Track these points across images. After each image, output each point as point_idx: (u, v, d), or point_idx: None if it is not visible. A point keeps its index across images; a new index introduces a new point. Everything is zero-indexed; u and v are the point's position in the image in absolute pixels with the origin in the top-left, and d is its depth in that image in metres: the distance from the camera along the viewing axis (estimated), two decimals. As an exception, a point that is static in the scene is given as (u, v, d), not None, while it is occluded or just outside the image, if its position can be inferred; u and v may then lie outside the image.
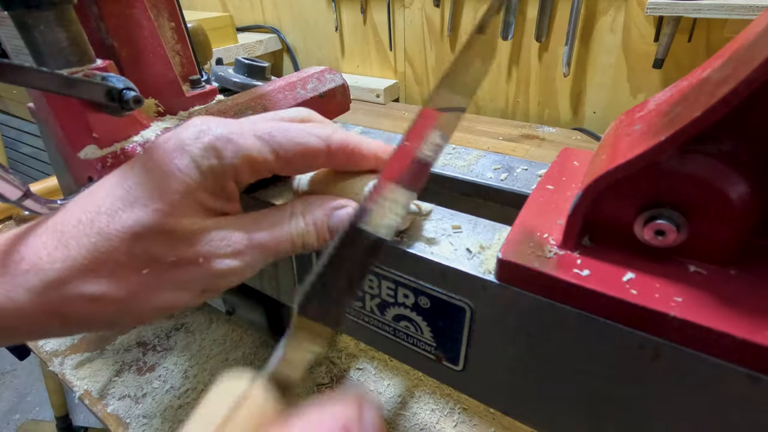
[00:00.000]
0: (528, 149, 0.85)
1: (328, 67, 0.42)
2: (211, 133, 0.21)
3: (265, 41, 1.32)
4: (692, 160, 0.16)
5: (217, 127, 0.21)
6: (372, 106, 1.14)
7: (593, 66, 0.91)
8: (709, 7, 0.68)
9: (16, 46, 0.30)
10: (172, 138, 0.21)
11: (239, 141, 0.21)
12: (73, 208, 0.21)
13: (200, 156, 0.21)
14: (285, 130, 0.22)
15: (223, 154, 0.21)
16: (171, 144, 0.21)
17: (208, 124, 0.21)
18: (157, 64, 0.35)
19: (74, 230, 0.20)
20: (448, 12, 1.01)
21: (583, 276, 0.18)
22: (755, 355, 0.15)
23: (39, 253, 0.20)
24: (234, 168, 0.21)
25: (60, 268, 0.20)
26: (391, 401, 0.39)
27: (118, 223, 0.20)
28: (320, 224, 0.22)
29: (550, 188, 0.25)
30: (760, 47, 0.14)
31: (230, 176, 0.21)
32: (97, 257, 0.20)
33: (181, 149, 0.21)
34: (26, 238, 0.21)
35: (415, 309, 0.25)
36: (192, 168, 0.20)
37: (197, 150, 0.21)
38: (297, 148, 0.22)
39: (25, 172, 1.76)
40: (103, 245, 0.20)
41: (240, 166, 0.21)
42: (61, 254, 0.20)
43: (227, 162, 0.21)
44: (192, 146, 0.21)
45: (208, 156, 0.21)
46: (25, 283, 0.20)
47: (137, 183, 0.21)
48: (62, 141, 0.32)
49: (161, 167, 0.20)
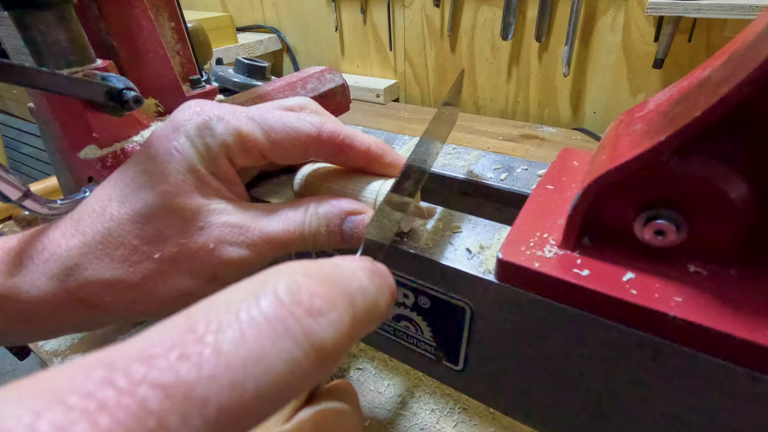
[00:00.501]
0: (528, 149, 0.85)
1: (328, 67, 0.42)
2: (205, 113, 0.22)
3: (265, 41, 1.32)
4: (692, 160, 0.16)
5: (211, 108, 0.22)
6: (372, 106, 1.14)
7: (593, 66, 0.91)
8: (709, 7, 0.68)
9: (16, 46, 0.30)
10: (168, 122, 0.22)
11: (230, 119, 0.22)
12: (88, 200, 0.22)
13: (195, 135, 0.21)
14: (277, 114, 0.22)
15: (216, 131, 0.21)
16: (167, 128, 0.22)
17: (201, 106, 0.22)
18: (157, 64, 0.35)
19: (88, 218, 0.22)
20: (448, 12, 1.01)
21: (583, 276, 0.18)
22: (755, 355, 0.15)
23: (58, 242, 0.21)
24: (226, 145, 0.21)
25: (76, 254, 0.21)
26: (391, 401, 0.39)
27: (128, 207, 0.21)
28: (333, 226, 0.22)
29: (550, 188, 0.25)
30: (760, 47, 0.14)
31: (223, 153, 0.22)
32: (110, 242, 0.21)
33: (177, 130, 0.22)
34: (48, 231, 0.22)
35: (415, 309, 0.25)
36: (188, 146, 0.21)
37: (191, 129, 0.21)
38: (287, 131, 0.22)
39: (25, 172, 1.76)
40: (116, 230, 0.21)
41: (232, 144, 0.22)
42: (78, 241, 0.21)
43: (219, 138, 0.21)
44: (186, 125, 0.21)
45: (202, 134, 0.21)
46: (46, 271, 0.21)
47: (142, 170, 0.22)
48: (62, 141, 0.32)
49: (161, 151, 0.21)
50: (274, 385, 0.09)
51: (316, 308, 0.10)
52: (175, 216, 0.21)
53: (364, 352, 0.44)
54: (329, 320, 0.10)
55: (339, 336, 0.10)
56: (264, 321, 0.10)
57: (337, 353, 0.11)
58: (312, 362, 0.10)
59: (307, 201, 0.23)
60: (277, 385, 0.09)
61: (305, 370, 0.10)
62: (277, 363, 0.09)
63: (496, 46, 1.00)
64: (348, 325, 0.11)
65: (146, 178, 0.21)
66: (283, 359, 0.10)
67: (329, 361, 0.10)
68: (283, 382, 0.09)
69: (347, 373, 0.42)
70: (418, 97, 1.19)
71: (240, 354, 0.09)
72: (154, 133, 0.22)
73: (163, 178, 0.21)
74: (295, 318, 0.10)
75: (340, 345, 0.10)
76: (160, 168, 0.21)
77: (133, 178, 0.22)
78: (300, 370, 0.10)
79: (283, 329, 0.10)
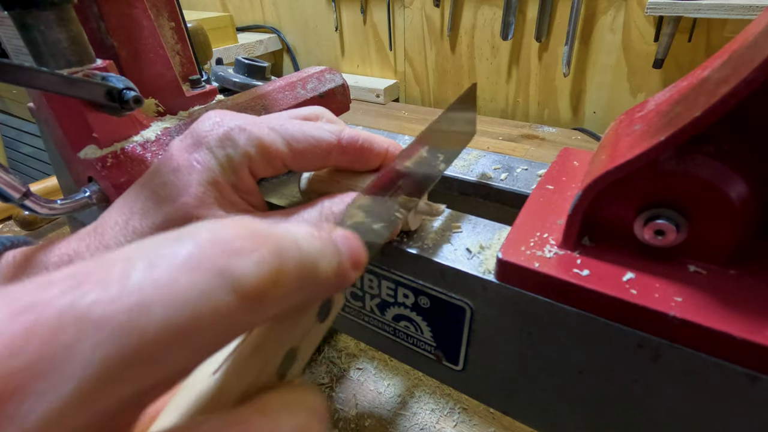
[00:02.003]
0: (528, 149, 0.85)
1: (328, 67, 0.42)
2: (226, 124, 0.22)
3: (265, 41, 1.32)
4: (692, 160, 0.16)
5: (232, 118, 0.22)
6: (372, 106, 1.14)
7: (593, 66, 0.91)
8: (709, 7, 0.68)
9: (16, 46, 0.30)
10: (188, 134, 0.22)
11: (253, 129, 0.22)
12: (111, 212, 0.23)
13: (216, 146, 0.21)
14: (297, 124, 0.23)
15: (238, 142, 0.21)
16: (188, 140, 0.22)
17: (222, 116, 0.22)
18: (157, 64, 0.35)
19: (111, 231, 0.22)
20: (448, 12, 1.01)
21: (583, 276, 0.18)
22: (755, 355, 0.15)
23: (83, 256, 0.22)
24: (248, 156, 0.21)
25: None
26: (391, 401, 0.39)
27: (149, 221, 0.21)
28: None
29: (550, 188, 0.25)
30: (760, 47, 0.14)
31: (245, 164, 0.22)
32: None
33: (198, 142, 0.22)
34: (71, 243, 0.23)
35: (415, 309, 0.25)
36: (210, 158, 0.21)
37: (213, 141, 0.21)
38: (309, 140, 0.22)
39: (25, 172, 1.76)
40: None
41: (254, 155, 0.22)
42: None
43: (241, 150, 0.21)
44: (208, 137, 0.22)
45: (224, 145, 0.21)
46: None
47: (163, 182, 0.22)
48: (62, 141, 0.32)
49: (182, 163, 0.22)
50: (185, 317, 0.09)
51: (236, 248, 0.10)
52: None
53: (364, 352, 0.44)
54: (250, 259, 0.10)
55: (260, 276, 0.10)
56: (181, 257, 0.09)
57: (259, 297, 0.10)
58: (230, 300, 0.09)
59: (320, 201, 0.23)
60: (188, 316, 0.09)
61: (222, 307, 0.09)
62: (189, 294, 0.09)
63: (496, 46, 1.00)
64: (272, 268, 0.10)
65: (168, 191, 0.21)
66: (198, 290, 0.09)
67: (251, 304, 0.10)
68: (195, 315, 0.09)
69: (347, 373, 0.42)
70: (418, 97, 1.19)
71: (148, 279, 0.09)
72: (175, 145, 0.22)
73: (184, 190, 0.21)
74: (212, 254, 0.10)
75: (262, 287, 0.10)
76: (181, 180, 0.21)
77: (154, 191, 0.22)
78: (215, 307, 0.09)
79: (197, 263, 0.09)
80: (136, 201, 0.22)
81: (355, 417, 0.38)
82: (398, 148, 0.24)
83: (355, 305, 0.28)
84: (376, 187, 0.20)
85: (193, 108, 0.37)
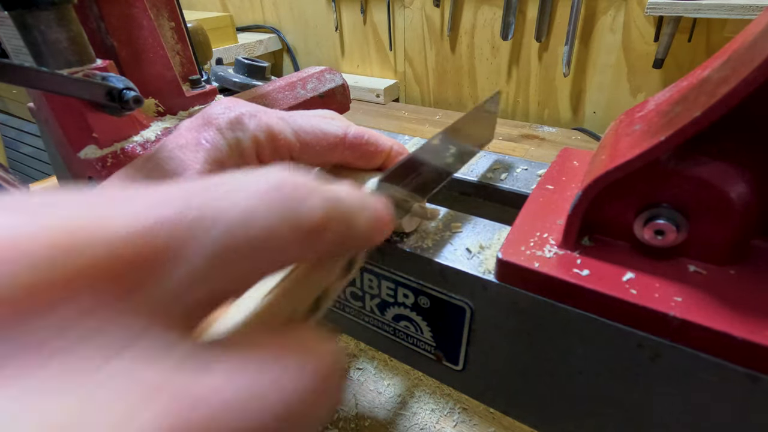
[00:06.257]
0: (528, 149, 0.85)
1: (328, 67, 0.42)
2: (237, 109, 0.22)
3: (265, 41, 1.32)
4: (692, 160, 0.16)
5: (244, 105, 0.23)
6: (372, 106, 1.14)
7: (593, 66, 0.91)
8: (709, 7, 0.68)
9: (16, 46, 0.30)
10: (199, 116, 0.23)
11: (262, 116, 0.22)
12: (111, 181, 0.23)
13: (226, 128, 0.22)
14: (306, 116, 0.23)
15: (248, 126, 0.22)
16: (198, 120, 0.22)
17: (234, 103, 0.23)
18: (157, 64, 0.35)
19: None
20: (448, 12, 1.01)
21: (582, 276, 0.18)
22: (755, 355, 0.15)
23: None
24: (257, 141, 0.22)
25: None
26: (391, 401, 0.39)
27: None
28: None
29: (550, 188, 0.25)
30: (760, 47, 0.14)
31: (253, 149, 0.22)
32: None
33: (208, 123, 0.22)
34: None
35: (415, 309, 0.25)
36: (218, 138, 0.22)
37: (223, 122, 0.22)
38: (316, 132, 0.23)
39: (25, 172, 1.76)
40: None
41: (262, 141, 0.22)
42: None
43: (250, 134, 0.22)
44: (218, 119, 0.22)
45: (234, 128, 0.22)
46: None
47: (169, 157, 0.22)
48: (62, 141, 0.32)
49: (190, 141, 0.22)
50: (276, 226, 0.11)
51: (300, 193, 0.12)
52: None
53: (364, 352, 0.44)
54: (308, 204, 0.12)
55: (311, 219, 0.12)
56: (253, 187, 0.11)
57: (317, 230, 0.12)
58: (286, 232, 0.11)
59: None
60: (279, 227, 0.11)
61: (280, 237, 0.11)
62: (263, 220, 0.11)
63: (496, 46, 1.00)
64: (320, 214, 0.12)
65: (173, 165, 0.21)
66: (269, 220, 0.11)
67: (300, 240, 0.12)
68: (263, 237, 0.11)
69: (347, 373, 0.42)
70: (418, 97, 1.19)
71: (242, 198, 0.11)
72: (184, 125, 0.23)
73: (190, 166, 0.21)
74: (283, 194, 0.12)
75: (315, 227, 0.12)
76: (188, 156, 0.21)
77: (159, 164, 0.22)
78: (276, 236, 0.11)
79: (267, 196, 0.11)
80: (139, 171, 0.22)
81: (354, 417, 0.38)
82: (402, 148, 0.24)
83: (355, 305, 0.28)
84: (394, 174, 0.20)
85: (193, 108, 0.37)
